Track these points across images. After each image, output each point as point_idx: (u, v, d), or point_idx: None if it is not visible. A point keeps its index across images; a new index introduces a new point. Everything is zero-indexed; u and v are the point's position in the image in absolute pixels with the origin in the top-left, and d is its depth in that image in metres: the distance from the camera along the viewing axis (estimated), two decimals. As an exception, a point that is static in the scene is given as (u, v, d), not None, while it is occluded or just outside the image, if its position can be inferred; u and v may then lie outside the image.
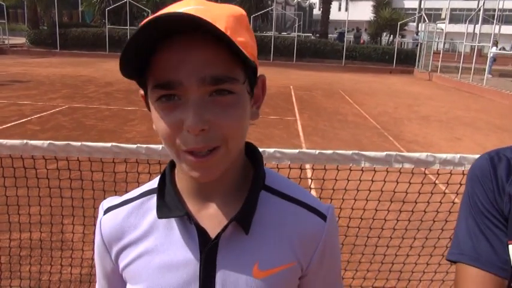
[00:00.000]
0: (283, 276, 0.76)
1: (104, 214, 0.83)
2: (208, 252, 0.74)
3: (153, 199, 0.80)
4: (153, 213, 0.78)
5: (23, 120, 7.90)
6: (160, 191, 0.79)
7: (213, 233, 0.74)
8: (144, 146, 2.00)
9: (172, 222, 0.77)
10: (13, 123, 7.59)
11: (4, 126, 7.33)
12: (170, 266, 0.75)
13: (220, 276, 0.74)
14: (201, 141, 0.67)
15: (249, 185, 0.77)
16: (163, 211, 0.76)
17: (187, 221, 0.75)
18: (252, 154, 0.81)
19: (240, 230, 0.74)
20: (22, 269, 2.88)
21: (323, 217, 0.80)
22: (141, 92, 0.75)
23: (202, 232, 0.74)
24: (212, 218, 0.76)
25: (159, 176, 0.82)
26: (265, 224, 0.77)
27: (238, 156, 0.77)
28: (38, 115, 8.37)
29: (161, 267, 0.76)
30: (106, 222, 0.82)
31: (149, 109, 0.74)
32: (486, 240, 0.86)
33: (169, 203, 0.76)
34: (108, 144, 2.02)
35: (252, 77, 0.73)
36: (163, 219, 0.77)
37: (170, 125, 0.67)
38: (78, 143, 2.02)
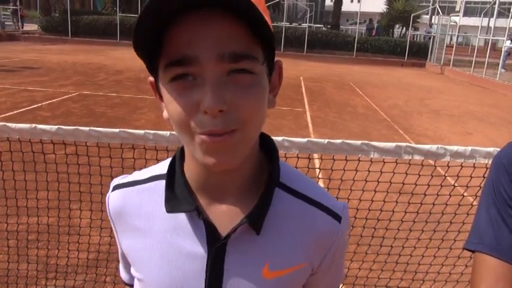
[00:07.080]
0: (294, 276, 0.74)
1: (112, 191, 0.81)
2: (216, 250, 0.71)
3: (162, 185, 0.75)
4: (161, 200, 0.74)
5: (34, 106, 7.95)
6: (169, 180, 0.74)
7: (222, 230, 0.71)
8: (152, 132, 2.00)
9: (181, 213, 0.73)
10: (24, 109, 7.64)
11: (15, 112, 7.38)
12: (176, 259, 0.72)
13: (227, 274, 0.71)
14: (219, 124, 0.61)
15: (263, 182, 0.73)
16: (172, 204, 0.72)
17: (195, 215, 0.71)
18: (267, 148, 0.76)
19: (251, 229, 0.71)
20: (30, 252, 2.92)
21: (337, 218, 0.77)
22: (151, 79, 0.71)
23: (211, 229, 0.71)
24: (223, 215, 0.72)
25: (169, 160, 0.77)
26: (277, 224, 0.73)
27: (253, 149, 0.72)
28: (49, 101, 8.41)
29: (166, 259, 0.73)
30: (112, 199, 0.81)
31: (160, 97, 0.69)
32: (509, 231, 0.83)
33: (178, 195, 0.72)
34: (116, 130, 2.01)
35: (271, 60, 0.69)
36: None
37: (185, 107, 0.62)
38: (87, 128, 2.02)
